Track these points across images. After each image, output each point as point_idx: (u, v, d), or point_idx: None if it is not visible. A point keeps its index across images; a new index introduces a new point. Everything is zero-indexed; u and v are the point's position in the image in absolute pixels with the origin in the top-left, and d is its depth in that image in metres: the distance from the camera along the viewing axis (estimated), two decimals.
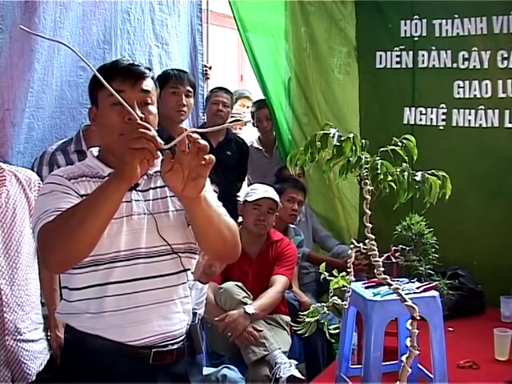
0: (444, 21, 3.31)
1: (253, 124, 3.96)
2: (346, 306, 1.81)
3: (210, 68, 3.84)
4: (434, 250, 2.10)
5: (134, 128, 1.26)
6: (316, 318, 1.70)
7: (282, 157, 3.75)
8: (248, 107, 4.37)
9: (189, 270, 1.58)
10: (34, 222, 1.40)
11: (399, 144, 1.40)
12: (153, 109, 1.53)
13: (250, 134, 4.26)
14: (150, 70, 1.58)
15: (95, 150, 1.59)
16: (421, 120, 3.43)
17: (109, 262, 1.45)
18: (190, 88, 2.93)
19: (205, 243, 1.51)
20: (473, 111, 3.27)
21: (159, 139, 1.26)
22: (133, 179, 1.28)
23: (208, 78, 3.82)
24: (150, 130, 1.26)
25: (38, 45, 2.53)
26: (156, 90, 1.58)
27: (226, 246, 1.53)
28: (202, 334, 1.68)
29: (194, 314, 1.66)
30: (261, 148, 3.93)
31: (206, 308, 2.66)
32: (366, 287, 1.95)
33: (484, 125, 3.24)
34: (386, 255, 2.06)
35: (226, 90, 3.53)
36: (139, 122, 1.29)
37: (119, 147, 1.28)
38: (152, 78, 1.57)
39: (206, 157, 1.26)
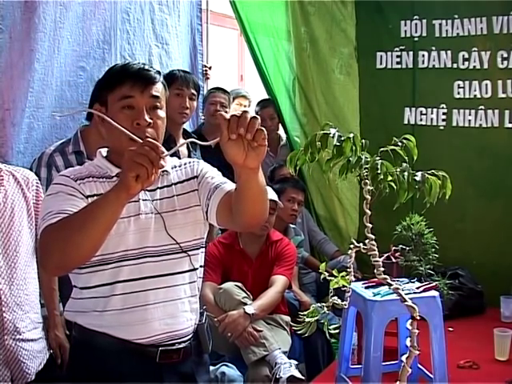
0: (444, 21, 3.31)
1: None
2: (346, 306, 1.81)
3: (210, 68, 3.83)
4: (433, 249, 2.10)
5: (142, 144, 1.27)
6: (316, 318, 1.70)
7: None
8: (245, 106, 4.36)
9: (197, 269, 1.58)
10: (39, 223, 1.42)
11: (399, 144, 1.40)
12: (161, 113, 1.54)
13: None
14: (159, 73, 1.58)
15: (104, 151, 1.60)
16: (421, 120, 3.43)
17: (117, 260, 1.47)
18: (194, 91, 2.93)
19: (250, 212, 1.42)
20: (473, 111, 3.27)
21: (163, 162, 1.28)
22: (130, 189, 1.26)
23: (208, 78, 3.82)
24: (157, 147, 1.26)
25: (37, 45, 2.53)
26: (166, 94, 1.59)
27: (266, 211, 1.46)
28: (209, 333, 1.68)
29: (202, 313, 1.66)
30: None
31: (206, 308, 2.67)
32: (366, 287, 1.95)
33: (484, 125, 3.24)
34: (385, 255, 2.06)
35: (224, 91, 3.52)
36: (149, 140, 1.29)
37: (124, 157, 1.28)
38: (162, 83, 1.57)
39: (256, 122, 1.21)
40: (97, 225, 1.29)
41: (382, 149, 1.39)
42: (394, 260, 2.09)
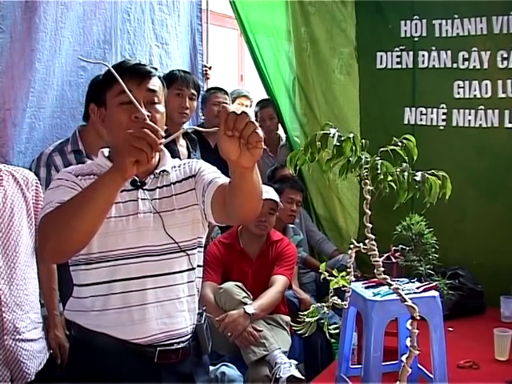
0: (444, 21, 3.31)
1: None
2: (346, 306, 1.81)
3: (210, 68, 3.83)
4: (433, 249, 2.10)
5: (141, 126, 1.27)
6: (316, 318, 1.70)
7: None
8: (247, 106, 4.36)
9: (195, 268, 1.59)
10: (39, 215, 1.43)
11: (399, 144, 1.40)
12: (160, 107, 1.55)
13: None
14: (156, 69, 1.59)
15: (106, 151, 1.61)
16: (421, 120, 3.43)
17: (114, 259, 1.48)
18: (194, 91, 2.93)
19: (245, 207, 1.41)
20: (473, 111, 3.27)
21: (161, 145, 1.27)
22: (127, 173, 1.27)
23: (208, 78, 3.82)
24: (157, 131, 1.26)
25: (38, 44, 2.52)
26: (164, 90, 1.59)
27: (259, 208, 1.46)
28: (208, 334, 1.68)
29: (201, 314, 1.66)
30: (265, 147, 3.91)
31: (206, 308, 2.67)
32: (366, 287, 1.95)
33: (484, 125, 3.24)
34: (386, 255, 2.06)
35: (224, 91, 3.52)
36: (148, 122, 1.29)
37: (121, 139, 1.29)
38: (159, 78, 1.58)
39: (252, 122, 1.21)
40: (92, 208, 1.29)
41: (382, 149, 1.39)
42: (394, 260, 2.09)
